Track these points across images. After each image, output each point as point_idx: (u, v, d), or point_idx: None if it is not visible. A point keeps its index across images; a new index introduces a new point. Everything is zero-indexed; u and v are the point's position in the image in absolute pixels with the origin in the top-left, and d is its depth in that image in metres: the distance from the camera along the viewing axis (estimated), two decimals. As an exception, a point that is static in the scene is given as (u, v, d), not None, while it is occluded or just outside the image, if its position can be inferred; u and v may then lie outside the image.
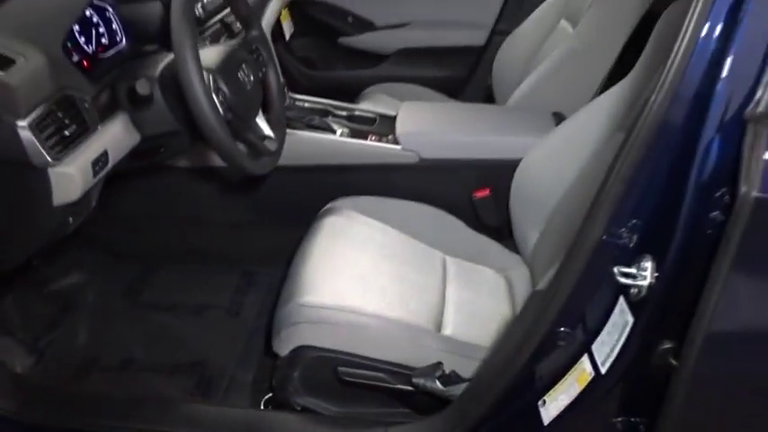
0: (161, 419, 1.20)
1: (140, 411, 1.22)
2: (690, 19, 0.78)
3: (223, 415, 1.27)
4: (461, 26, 2.42)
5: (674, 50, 0.77)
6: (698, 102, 0.77)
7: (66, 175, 1.01)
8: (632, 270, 0.85)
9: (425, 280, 1.43)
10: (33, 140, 0.95)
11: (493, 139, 1.67)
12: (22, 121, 0.95)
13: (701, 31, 0.76)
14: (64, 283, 1.74)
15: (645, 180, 0.83)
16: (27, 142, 0.95)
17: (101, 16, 1.36)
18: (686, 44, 0.77)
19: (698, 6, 0.76)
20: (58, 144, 0.99)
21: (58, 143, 0.99)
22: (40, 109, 0.98)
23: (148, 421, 1.20)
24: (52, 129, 0.99)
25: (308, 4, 2.46)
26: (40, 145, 0.96)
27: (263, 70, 1.40)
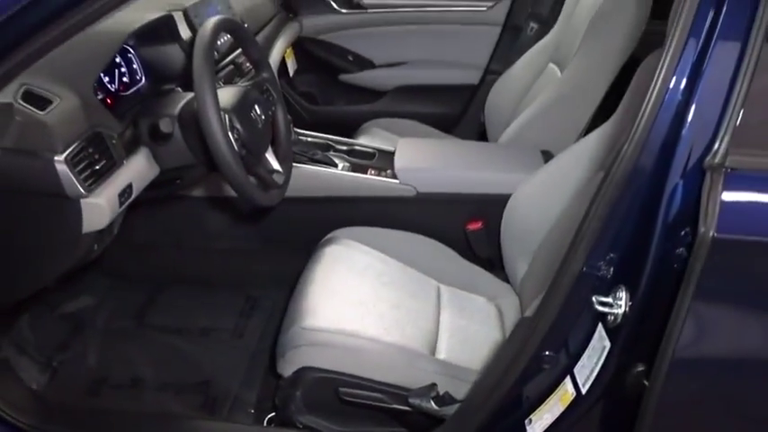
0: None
1: (149, 427, 1.29)
2: (659, 73, 0.88)
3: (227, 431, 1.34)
4: (456, 66, 2.54)
5: (644, 102, 0.88)
6: (664, 150, 0.87)
7: (96, 206, 1.10)
8: (609, 299, 0.94)
9: (421, 307, 1.51)
10: (69, 174, 1.04)
11: (485, 174, 1.77)
12: (59, 156, 1.04)
13: (668, 85, 0.86)
14: (76, 305, 1.81)
15: (619, 219, 0.92)
16: (63, 175, 1.04)
17: (123, 57, 1.47)
18: (655, 97, 0.88)
19: (666, 61, 0.86)
20: (89, 177, 1.08)
21: (89, 176, 1.08)
22: (75, 145, 1.07)
23: None
24: (85, 163, 1.08)
25: (311, 43, 2.58)
26: (74, 178, 1.05)
27: (272, 109, 1.50)
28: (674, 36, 0.86)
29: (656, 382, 0.88)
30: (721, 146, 0.83)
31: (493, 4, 2.47)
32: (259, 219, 1.82)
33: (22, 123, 1.04)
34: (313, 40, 2.57)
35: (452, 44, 2.52)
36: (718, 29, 0.85)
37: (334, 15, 2.53)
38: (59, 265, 1.16)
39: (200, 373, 1.63)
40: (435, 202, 1.77)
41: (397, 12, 2.53)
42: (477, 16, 2.49)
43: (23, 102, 1.06)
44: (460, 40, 2.51)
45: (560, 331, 1.02)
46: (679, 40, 0.86)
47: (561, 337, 1.03)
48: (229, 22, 1.37)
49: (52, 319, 1.75)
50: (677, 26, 0.86)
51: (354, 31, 2.55)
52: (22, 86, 1.08)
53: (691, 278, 0.81)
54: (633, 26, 1.73)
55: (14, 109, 1.04)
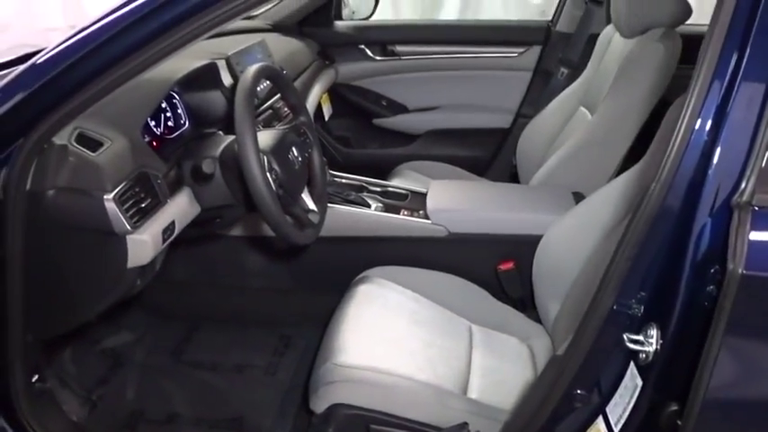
0: None
1: None
2: (684, 115, 0.90)
3: None
4: (488, 110, 2.60)
5: (670, 143, 0.90)
6: (691, 190, 0.88)
7: (141, 242, 1.15)
8: (640, 337, 0.95)
9: (453, 346, 1.52)
10: (117, 211, 1.10)
11: (517, 215, 1.79)
12: (108, 195, 1.10)
13: (694, 126, 0.88)
14: (116, 340, 1.86)
15: (648, 257, 0.94)
16: (111, 213, 1.10)
17: (168, 102, 1.55)
18: (680, 138, 0.89)
19: (691, 103, 0.89)
20: (136, 215, 1.14)
21: (135, 214, 1.14)
22: (123, 185, 1.13)
23: None
24: (131, 201, 1.14)
25: (347, 88, 2.66)
26: (121, 215, 1.11)
27: (308, 151, 1.56)
28: (698, 78, 0.89)
29: (688, 422, 0.87)
30: (748, 185, 0.84)
31: (524, 50, 2.53)
32: (294, 258, 1.87)
33: (75, 164, 1.11)
34: (348, 85, 2.65)
35: (484, 89, 2.58)
36: (742, 71, 0.87)
37: (369, 62, 2.62)
38: (104, 298, 1.21)
39: (233, 410, 1.65)
40: (467, 242, 1.80)
41: (429, 58, 2.60)
42: (509, 62, 2.55)
43: (77, 144, 1.13)
44: (492, 85, 2.57)
45: (591, 369, 1.02)
46: (704, 83, 0.88)
47: (593, 376, 1.03)
48: (269, 70, 1.44)
49: (93, 354, 1.80)
50: (702, 68, 0.89)
51: (388, 77, 2.63)
52: (76, 130, 1.15)
53: (721, 316, 0.82)
54: (662, 70, 1.75)
55: (69, 150, 1.11)
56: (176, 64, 1.45)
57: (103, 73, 1.03)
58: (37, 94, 1.03)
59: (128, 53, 1.03)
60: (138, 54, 1.03)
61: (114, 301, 1.24)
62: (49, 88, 1.03)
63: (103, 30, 1.00)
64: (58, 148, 1.10)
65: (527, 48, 2.53)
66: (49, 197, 1.10)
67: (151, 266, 1.30)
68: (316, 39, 2.55)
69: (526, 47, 2.53)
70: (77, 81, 1.03)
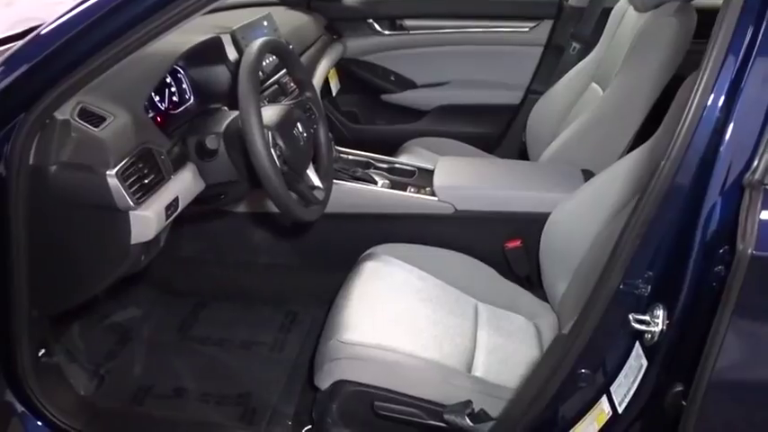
0: None
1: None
2: (696, 90, 0.88)
3: None
4: (498, 86, 2.56)
5: (681, 119, 0.88)
6: (702, 168, 0.86)
7: (144, 218, 1.15)
8: (646, 317, 0.94)
9: (458, 324, 1.51)
10: (119, 187, 1.10)
11: (524, 193, 1.77)
12: (111, 171, 1.10)
13: (706, 102, 0.86)
14: (124, 316, 1.88)
15: (656, 236, 0.92)
16: (114, 189, 1.10)
17: (173, 77, 1.53)
18: (692, 115, 0.87)
19: (704, 78, 0.86)
20: (139, 191, 1.14)
21: (138, 190, 1.14)
22: (126, 160, 1.13)
23: None
24: (134, 177, 1.14)
25: (355, 64, 2.63)
26: (124, 191, 1.10)
27: (314, 127, 1.54)
28: (712, 53, 0.86)
29: (693, 403, 0.86)
30: (760, 164, 0.82)
31: (535, 25, 2.48)
32: (300, 235, 1.86)
33: (78, 139, 1.10)
34: (356, 60, 2.62)
35: (494, 64, 2.54)
36: (757, 46, 0.84)
37: (378, 37, 2.58)
38: (108, 275, 1.21)
39: (240, 385, 1.66)
40: (474, 219, 1.78)
41: (439, 33, 2.56)
42: (520, 37, 2.50)
43: (79, 119, 1.12)
44: (502, 61, 2.53)
45: (597, 349, 1.01)
46: (717, 57, 0.86)
47: (597, 355, 1.02)
48: (274, 44, 1.42)
49: (102, 329, 1.81)
50: (716, 42, 0.86)
51: (397, 52, 2.60)
52: (79, 104, 1.14)
53: (729, 297, 0.80)
54: (676, 46, 1.71)
55: (71, 126, 1.10)
56: (180, 38, 1.43)
57: (104, 47, 1.02)
58: (38, 68, 1.02)
59: (128, 26, 1.02)
60: (139, 27, 1.02)
61: (119, 277, 1.24)
62: (50, 62, 1.02)
63: (103, 3, 0.99)
64: (60, 123, 1.09)
65: (538, 22, 2.48)
66: (52, 172, 1.10)
67: (155, 242, 1.29)
68: (323, 13, 2.51)
69: (537, 21, 2.48)
70: (78, 55, 1.02)
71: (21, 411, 1.20)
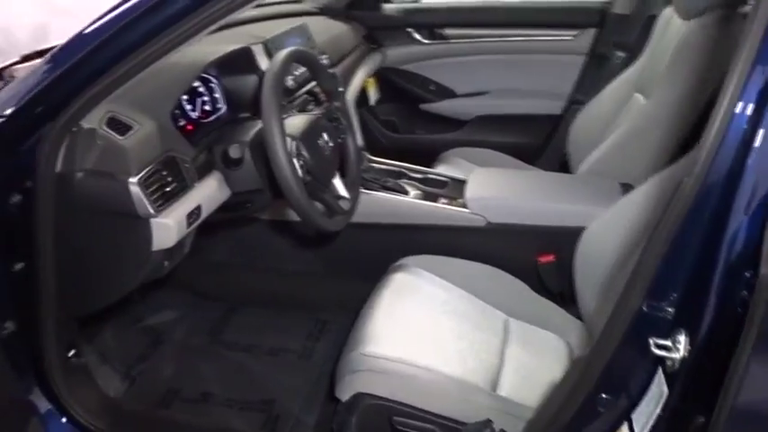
0: None
1: None
2: (722, 99, 0.83)
3: None
4: (539, 95, 2.51)
5: (706, 132, 0.83)
6: (728, 183, 0.81)
7: (164, 225, 1.16)
8: (667, 342, 0.88)
9: (486, 339, 1.48)
10: (140, 195, 1.12)
11: (558, 206, 1.72)
12: (133, 178, 1.12)
13: (733, 113, 0.81)
14: (157, 319, 1.92)
15: (679, 257, 0.87)
16: (135, 196, 1.12)
17: (206, 86, 1.55)
18: (717, 126, 0.82)
19: (730, 87, 0.81)
20: (160, 198, 1.15)
21: (160, 197, 1.16)
22: (148, 168, 1.15)
23: None
24: (156, 185, 1.16)
25: (394, 72, 2.62)
26: (145, 199, 1.12)
27: (342, 137, 1.54)
28: (739, 60, 0.81)
29: (714, 436, 0.81)
30: None
31: (578, 33, 2.42)
32: (329, 243, 1.86)
33: (103, 147, 1.13)
34: (395, 69, 2.62)
35: (535, 74, 2.49)
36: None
37: (417, 46, 2.57)
38: (132, 279, 1.24)
39: (264, 392, 1.67)
40: (506, 232, 1.74)
41: (479, 42, 2.53)
42: (562, 45, 2.45)
43: (107, 127, 1.15)
44: (544, 70, 2.48)
45: (616, 373, 0.97)
46: (745, 64, 0.81)
47: (618, 380, 0.97)
48: (300, 53, 1.42)
49: (135, 331, 1.86)
50: (744, 50, 0.81)
51: (436, 61, 2.58)
52: (108, 113, 1.17)
53: (752, 324, 0.75)
54: (721, 55, 1.63)
55: (97, 134, 1.13)
56: (210, 48, 1.46)
57: (126, 57, 1.04)
58: (63, 78, 1.04)
59: (150, 36, 1.03)
60: (161, 37, 1.03)
61: (144, 281, 1.26)
62: (75, 72, 1.04)
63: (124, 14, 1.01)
64: (86, 131, 1.12)
65: (581, 30, 2.42)
66: (78, 179, 1.13)
67: (179, 249, 1.31)
68: (363, 22, 2.52)
69: (580, 29, 2.42)
70: (102, 65, 1.04)
71: (45, 411, 1.23)
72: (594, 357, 0.98)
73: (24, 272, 1.17)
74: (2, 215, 1.12)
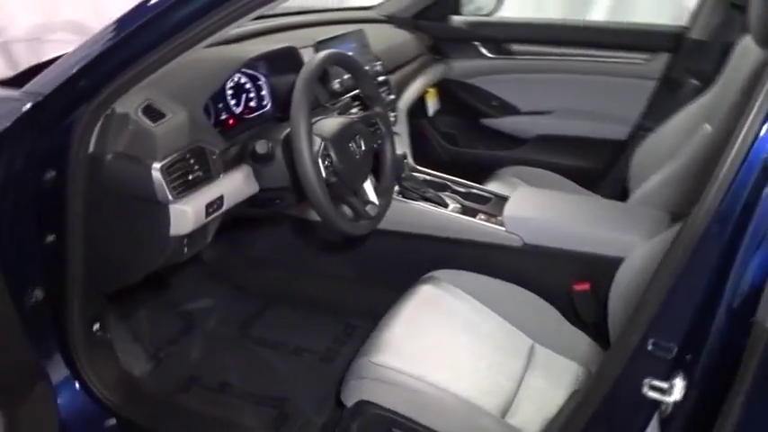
0: None
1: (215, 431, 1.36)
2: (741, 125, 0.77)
3: None
4: (604, 119, 2.41)
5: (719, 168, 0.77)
6: (740, 218, 0.75)
7: (182, 212, 1.20)
8: (663, 385, 0.82)
9: (506, 362, 1.43)
10: (161, 181, 1.15)
11: (599, 233, 1.64)
12: (157, 164, 1.16)
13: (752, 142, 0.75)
14: (192, 306, 1.97)
15: (684, 293, 0.81)
16: (156, 181, 1.15)
17: (253, 83, 1.60)
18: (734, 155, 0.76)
19: (743, 130, 0.75)
20: (181, 186, 1.19)
21: (181, 185, 1.19)
22: (173, 156, 1.18)
23: None
24: (180, 173, 1.19)
25: (457, 85, 2.60)
26: (165, 185, 1.16)
27: (378, 143, 1.54)
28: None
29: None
30: None
31: (650, 57, 2.31)
32: (363, 249, 1.86)
33: (134, 132, 1.18)
34: (459, 82, 2.59)
35: (602, 96, 2.40)
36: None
37: (482, 60, 2.54)
38: (151, 261, 1.28)
39: (280, 390, 1.68)
40: (542, 255, 1.68)
41: (547, 59, 2.47)
42: (632, 69, 2.34)
43: (142, 114, 1.19)
44: (612, 93, 2.38)
45: (611, 412, 0.91)
46: None
47: (611, 420, 0.91)
48: (340, 56, 1.43)
49: (169, 316, 1.92)
50: None
51: (501, 77, 2.53)
52: (146, 101, 1.22)
53: (745, 375, 0.68)
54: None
55: (130, 119, 1.18)
56: (254, 46, 1.49)
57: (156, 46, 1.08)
58: (98, 63, 1.09)
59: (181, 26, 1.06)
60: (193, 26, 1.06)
61: (163, 264, 1.29)
62: (109, 57, 1.09)
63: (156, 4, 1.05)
64: (119, 115, 1.17)
65: (654, 54, 2.30)
66: (107, 161, 1.18)
67: (201, 236, 1.35)
68: (429, 32, 2.51)
69: (653, 53, 2.30)
70: (134, 52, 1.08)
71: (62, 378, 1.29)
72: (589, 394, 0.93)
73: (55, 244, 1.23)
74: (38, 190, 1.19)
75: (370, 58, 1.90)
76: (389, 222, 1.78)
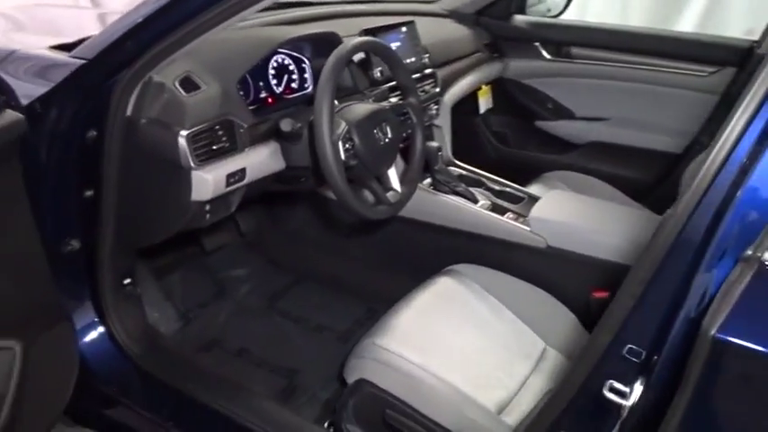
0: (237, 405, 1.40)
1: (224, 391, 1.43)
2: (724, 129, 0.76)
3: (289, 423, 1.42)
4: (661, 131, 2.33)
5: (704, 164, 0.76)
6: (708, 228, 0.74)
7: (202, 179, 1.27)
8: (623, 388, 0.82)
9: (513, 362, 1.43)
10: (186, 147, 1.23)
11: (624, 243, 1.60)
12: (184, 132, 1.23)
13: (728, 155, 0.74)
14: (226, 274, 2.06)
15: (650, 300, 0.80)
16: (181, 148, 1.23)
17: (297, 65, 1.66)
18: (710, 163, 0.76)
19: (723, 137, 0.74)
20: (204, 154, 1.26)
21: (204, 154, 1.26)
22: (201, 126, 1.26)
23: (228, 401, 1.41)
24: (205, 142, 1.26)
25: (513, 85, 2.57)
26: (189, 152, 1.23)
27: (407, 132, 1.56)
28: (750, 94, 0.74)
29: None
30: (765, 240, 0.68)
31: (715, 71, 2.21)
32: (390, 236, 1.89)
33: (168, 100, 1.26)
34: (515, 82, 2.56)
35: (661, 107, 2.31)
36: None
37: (541, 61, 2.50)
38: (173, 223, 1.36)
39: (294, 362, 1.74)
40: (564, 259, 1.66)
41: (607, 66, 2.40)
42: (695, 81, 2.24)
43: (178, 84, 1.27)
44: (671, 104, 2.29)
45: (575, 414, 0.91)
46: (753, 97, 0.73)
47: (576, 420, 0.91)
48: (374, 45, 1.47)
49: (204, 280, 2.02)
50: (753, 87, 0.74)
51: (558, 80, 2.49)
52: (185, 72, 1.30)
53: (687, 382, 0.68)
54: None
55: (166, 87, 1.26)
56: (296, 30, 1.55)
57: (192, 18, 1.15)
58: (138, 30, 1.18)
59: None
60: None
61: (185, 227, 1.37)
62: (149, 25, 1.17)
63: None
64: (156, 83, 1.26)
65: (718, 68, 2.20)
66: (141, 125, 1.27)
67: (224, 205, 1.42)
68: (490, 30, 2.50)
69: (718, 67, 2.20)
70: (170, 23, 1.16)
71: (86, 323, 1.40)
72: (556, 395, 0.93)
73: (92, 198, 1.34)
74: (81, 147, 1.30)
75: (418, 50, 1.92)
76: (417, 212, 1.81)
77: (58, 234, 1.36)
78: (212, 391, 1.43)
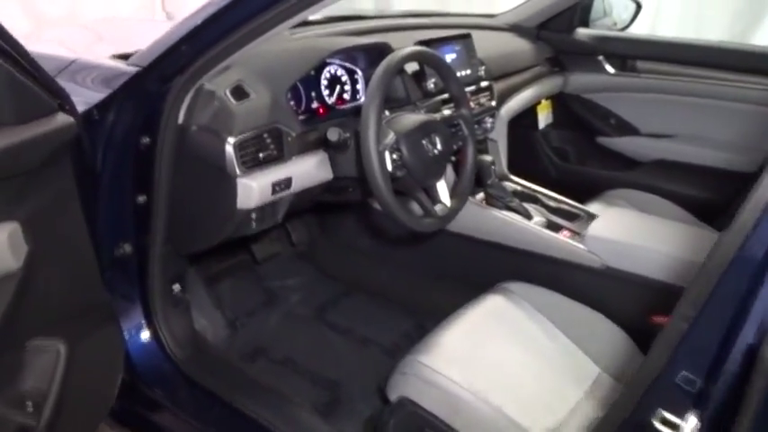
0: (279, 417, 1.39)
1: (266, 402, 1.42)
2: None
3: None
4: (731, 149, 2.20)
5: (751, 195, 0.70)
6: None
7: (248, 186, 1.27)
8: (676, 420, 0.76)
9: (565, 387, 1.37)
10: (232, 155, 1.24)
11: (686, 265, 1.51)
12: (231, 139, 1.24)
13: None
14: (276, 284, 2.07)
15: (706, 324, 0.74)
16: (228, 155, 1.24)
17: (350, 76, 1.66)
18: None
19: None
20: (250, 162, 1.27)
21: (250, 161, 1.27)
22: (248, 134, 1.26)
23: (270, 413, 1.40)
24: (252, 149, 1.27)
25: (574, 100, 2.50)
26: (235, 159, 1.24)
27: (458, 144, 1.53)
28: None
29: None
30: None
31: (790, 85, 2.09)
32: (441, 250, 1.86)
33: (217, 108, 1.27)
34: (577, 97, 2.49)
35: (732, 124, 2.19)
36: None
37: (604, 76, 2.42)
38: (220, 230, 1.37)
39: (339, 373, 1.72)
40: (622, 280, 1.58)
41: (674, 80, 2.30)
42: (765, 96, 2.12)
43: (229, 92, 1.29)
44: (742, 121, 2.16)
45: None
46: None
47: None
48: (425, 55, 1.45)
49: (253, 289, 2.03)
50: None
51: (622, 95, 2.40)
52: (237, 81, 1.32)
53: (745, 416, 0.61)
54: None
55: (216, 96, 1.28)
56: (349, 40, 1.55)
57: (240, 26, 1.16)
58: (190, 39, 1.20)
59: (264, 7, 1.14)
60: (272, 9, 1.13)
61: (231, 235, 1.38)
62: (200, 34, 1.19)
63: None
64: (207, 92, 1.28)
65: (793, 83, 2.08)
66: (192, 132, 1.29)
67: (271, 213, 1.42)
68: (552, 44, 2.44)
69: (793, 81, 2.08)
70: (220, 31, 1.18)
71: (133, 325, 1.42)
72: (607, 419, 0.87)
73: (145, 204, 1.37)
74: (135, 154, 1.33)
75: (473, 62, 1.89)
76: (468, 227, 1.77)
77: (112, 238, 1.39)
78: (255, 401, 1.42)
